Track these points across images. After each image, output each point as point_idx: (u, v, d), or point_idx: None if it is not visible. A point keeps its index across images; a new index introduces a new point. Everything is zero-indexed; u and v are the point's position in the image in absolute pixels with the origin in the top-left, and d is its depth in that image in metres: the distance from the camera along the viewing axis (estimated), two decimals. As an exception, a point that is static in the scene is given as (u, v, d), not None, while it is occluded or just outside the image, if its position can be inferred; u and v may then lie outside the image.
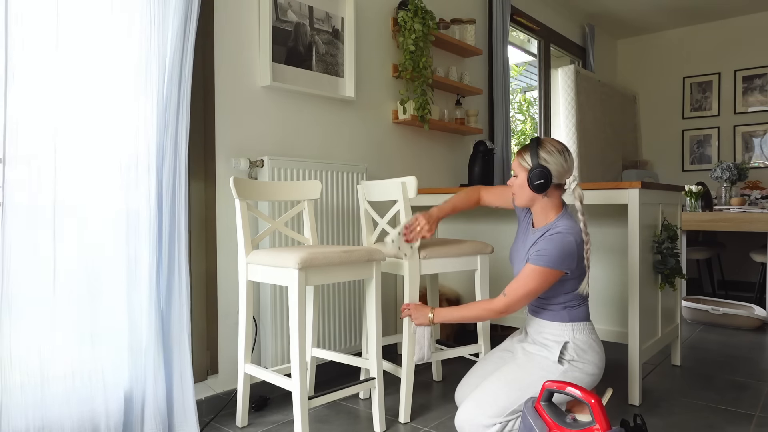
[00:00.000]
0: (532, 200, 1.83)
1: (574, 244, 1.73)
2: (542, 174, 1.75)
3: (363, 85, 2.87)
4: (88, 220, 1.70)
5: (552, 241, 1.73)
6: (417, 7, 2.93)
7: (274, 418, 2.14)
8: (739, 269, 5.14)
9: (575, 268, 1.76)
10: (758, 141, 5.07)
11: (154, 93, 1.83)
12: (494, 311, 1.79)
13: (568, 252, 1.72)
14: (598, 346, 1.83)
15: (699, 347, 3.10)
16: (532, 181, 1.77)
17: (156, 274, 1.83)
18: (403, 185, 2.06)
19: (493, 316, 1.81)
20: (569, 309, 1.82)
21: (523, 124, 7.54)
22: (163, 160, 1.84)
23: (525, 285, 1.75)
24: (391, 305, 2.99)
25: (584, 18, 5.19)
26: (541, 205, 1.83)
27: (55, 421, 1.60)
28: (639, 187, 2.17)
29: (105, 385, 1.71)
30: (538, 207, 1.84)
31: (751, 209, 3.92)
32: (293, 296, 1.76)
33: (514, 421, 1.75)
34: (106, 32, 1.73)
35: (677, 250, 2.47)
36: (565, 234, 1.73)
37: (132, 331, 1.78)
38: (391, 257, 2.12)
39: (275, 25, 2.40)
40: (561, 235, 1.73)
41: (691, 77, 5.40)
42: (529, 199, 1.83)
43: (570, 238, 1.73)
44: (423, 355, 1.94)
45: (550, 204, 1.82)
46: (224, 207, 2.22)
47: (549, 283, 1.75)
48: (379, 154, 2.96)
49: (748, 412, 2.14)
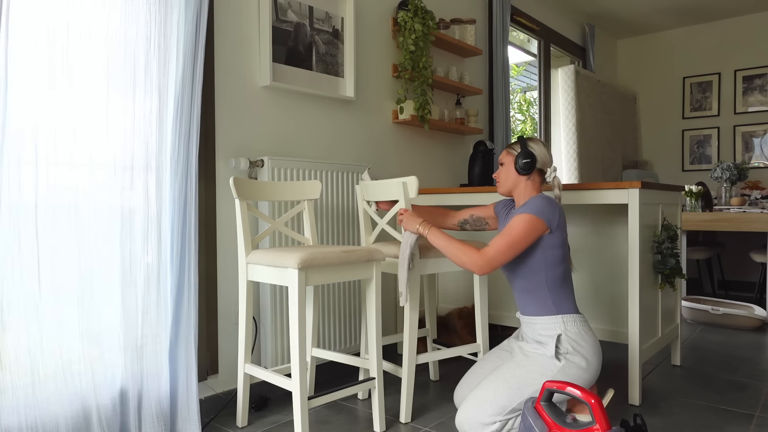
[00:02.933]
0: (515, 183, 1.96)
1: (554, 201, 1.88)
2: (528, 155, 1.92)
3: (363, 85, 2.87)
4: (79, 218, 1.69)
5: (533, 199, 1.88)
6: (417, 7, 2.93)
7: (274, 418, 2.14)
8: (739, 269, 5.14)
9: (555, 227, 1.84)
10: (758, 141, 5.07)
11: (155, 93, 1.83)
12: (475, 258, 1.82)
13: (549, 204, 1.85)
14: (592, 338, 1.86)
15: (699, 347, 3.10)
16: (519, 161, 1.93)
17: (160, 273, 1.83)
18: (404, 185, 2.06)
19: (471, 264, 1.83)
20: (554, 296, 1.86)
21: (523, 124, 7.54)
22: (177, 161, 1.85)
23: (508, 233, 1.81)
24: (391, 305, 2.99)
25: (584, 18, 5.19)
26: (523, 188, 1.96)
27: (48, 420, 1.60)
28: (639, 187, 2.17)
29: (96, 384, 1.70)
30: (520, 190, 1.96)
31: (751, 209, 3.92)
32: (293, 296, 1.76)
33: (513, 419, 1.76)
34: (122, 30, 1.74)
35: (677, 250, 2.47)
36: (545, 196, 1.90)
37: (127, 330, 1.78)
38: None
39: (275, 25, 2.40)
40: (541, 195, 1.90)
41: (691, 77, 5.40)
42: (513, 182, 1.97)
43: (550, 197, 1.89)
44: (404, 261, 1.96)
45: (532, 186, 1.96)
46: (224, 207, 2.22)
47: (531, 234, 1.81)
48: (379, 154, 2.96)
49: (748, 412, 2.14)
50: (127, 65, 1.78)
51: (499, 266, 1.83)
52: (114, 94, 1.76)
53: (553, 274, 1.86)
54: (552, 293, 1.86)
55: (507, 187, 1.99)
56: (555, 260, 1.86)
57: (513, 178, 1.96)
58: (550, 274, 1.86)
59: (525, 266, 1.89)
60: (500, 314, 2.96)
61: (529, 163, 1.92)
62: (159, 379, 1.83)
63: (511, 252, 1.81)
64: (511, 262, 1.92)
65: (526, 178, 1.95)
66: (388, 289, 2.97)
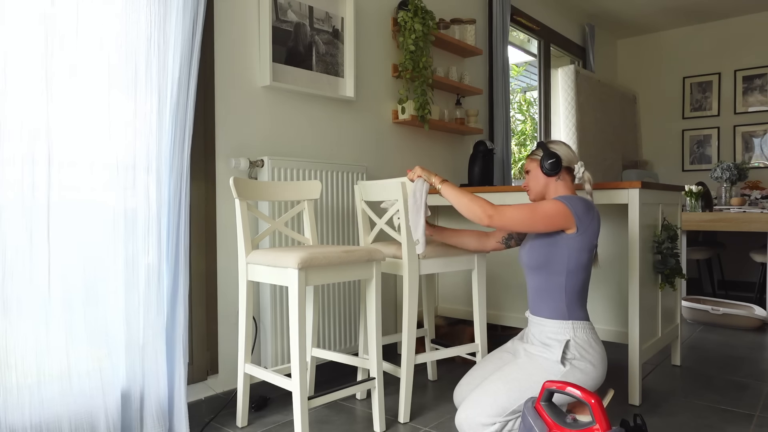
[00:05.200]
0: (545, 186, 1.90)
1: (592, 204, 1.82)
2: (552, 155, 1.87)
3: (363, 85, 2.87)
4: (85, 219, 1.70)
5: (570, 196, 1.82)
6: (417, 7, 2.93)
7: (274, 418, 2.14)
8: (739, 269, 5.14)
9: (585, 229, 1.78)
10: (758, 141, 5.07)
11: (155, 93, 1.83)
12: (486, 207, 1.78)
13: (585, 205, 1.79)
14: (599, 347, 1.83)
15: (699, 347, 3.10)
16: (544, 163, 1.87)
17: (159, 273, 1.83)
18: (404, 185, 2.06)
19: (481, 212, 1.78)
20: (569, 301, 1.82)
21: (523, 124, 7.54)
22: (171, 162, 1.85)
23: (534, 206, 1.77)
24: (391, 305, 2.99)
25: (584, 18, 5.19)
26: (554, 190, 1.89)
27: (52, 419, 1.60)
28: (639, 187, 2.17)
29: (103, 384, 1.71)
30: (551, 192, 1.90)
31: (751, 209, 3.92)
32: (293, 296, 1.76)
33: (513, 421, 1.75)
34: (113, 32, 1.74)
35: (677, 250, 2.47)
36: (584, 198, 1.84)
37: (129, 330, 1.78)
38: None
39: (275, 25, 2.40)
40: (579, 197, 1.84)
41: (691, 77, 5.40)
42: (543, 186, 1.90)
43: (589, 200, 1.84)
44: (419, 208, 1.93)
45: (564, 186, 1.89)
46: (224, 207, 2.22)
47: (554, 220, 1.75)
48: (379, 154, 2.96)
49: (748, 412, 2.14)
50: (129, 65, 1.78)
51: (506, 227, 1.78)
52: (115, 94, 1.76)
53: (573, 280, 1.81)
54: (568, 298, 1.82)
55: (537, 191, 1.92)
56: (579, 265, 1.81)
57: (542, 182, 1.90)
58: (571, 279, 1.81)
59: (548, 265, 1.83)
60: (500, 314, 2.96)
61: (555, 162, 1.86)
62: (158, 379, 1.84)
63: (525, 223, 1.76)
64: (533, 260, 1.87)
65: (555, 178, 1.88)
66: (387, 289, 2.97)
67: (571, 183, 1.91)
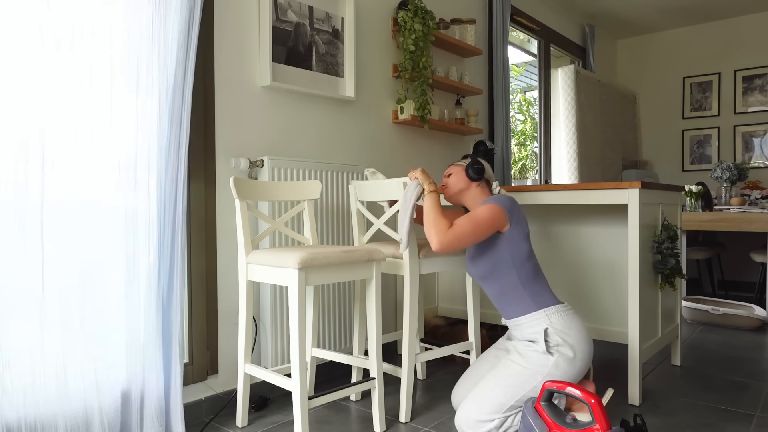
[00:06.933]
0: (467, 187, 2.04)
1: (511, 197, 1.96)
2: (478, 162, 2.02)
3: (363, 85, 2.87)
4: (82, 218, 1.69)
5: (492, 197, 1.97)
6: (417, 7, 2.94)
7: (274, 418, 2.14)
8: (739, 269, 5.14)
9: (516, 220, 1.89)
10: (758, 141, 5.07)
11: (156, 92, 1.83)
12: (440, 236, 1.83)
13: (508, 198, 1.93)
14: (578, 324, 1.88)
15: (699, 347, 3.10)
16: (471, 167, 2.01)
17: (158, 273, 1.83)
18: (404, 185, 2.06)
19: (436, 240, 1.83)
20: (530, 292, 1.88)
21: (523, 124, 7.54)
22: (167, 161, 1.85)
23: (473, 218, 1.85)
24: (391, 305, 2.99)
25: (584, 18, 5.19)
26: (473, 196, 2.05)
27: (48, 419, 1.60)
28: (639, 187, 2.17)
29: (98, 384, 1.70)
30: (469, 197, 2.05)
31: (751, 209, 3.92)
32: (293, 296, 1.76)
33: (513, 416, 1.77)
34: (109, 31, 1.73)
35: (677, 250, 2.47)
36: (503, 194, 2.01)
37: (129, 329, 1.78)
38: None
39: (275, 25, 2.40)
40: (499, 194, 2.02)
41: (691, 77, 5.40)
42: (463, 186, 2.04)
43: (504, 194, 1.99)
44: (407, 210, 1.98)
45: (481, 192, 2.05)
46: (224, 207, 2.22)
47: (494, 222, 1.86)
48: (379, 154, 2.96)
49: (748, 412, 2.14)
50: (131, 65, 1.78)
51: (458, 248, 1.84)
52: (117, 93, 1.76)
53: (524, 271, 1.90)
54: (528, 290, 1.90)
55: (456, 190, 2.06)
56: (522, 256, 1.90)
57: (463, 185, 2.05)
58: (521, 271, 1.90)
59: (496, 270, 1.92)
60: (500, 314, 2.95)
61: (480, 168, 2.01)
62: (158, 379, 1.84)
63: (473, 237, 1.84)
64: (481, 269, 1.96)
65: (476, 184, 2.05)
66: (387, 289, 2.97)
67: (489, 191, 2.08)
